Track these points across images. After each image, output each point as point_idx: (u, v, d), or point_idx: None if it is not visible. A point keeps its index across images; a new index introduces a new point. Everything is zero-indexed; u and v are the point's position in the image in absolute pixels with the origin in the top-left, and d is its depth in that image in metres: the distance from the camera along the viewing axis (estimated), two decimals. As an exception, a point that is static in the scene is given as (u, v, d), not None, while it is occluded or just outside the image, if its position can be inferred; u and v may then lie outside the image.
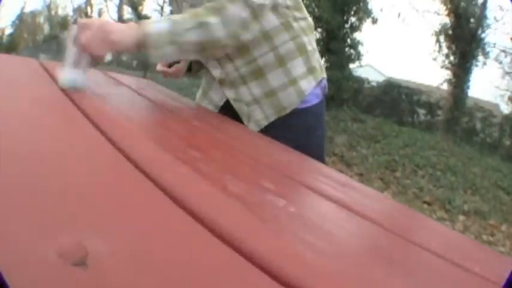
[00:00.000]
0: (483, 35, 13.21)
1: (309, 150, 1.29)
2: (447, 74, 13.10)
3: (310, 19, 1.53)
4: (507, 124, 12.84)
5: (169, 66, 1.69)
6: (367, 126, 10.64)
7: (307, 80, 1.45)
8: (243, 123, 1.48)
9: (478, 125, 12.55)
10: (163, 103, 1.56)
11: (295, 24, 1.43)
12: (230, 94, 1.49)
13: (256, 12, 1.25)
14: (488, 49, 13.56)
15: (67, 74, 1.13)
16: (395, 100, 13.21)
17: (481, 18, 13.07)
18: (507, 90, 23.73)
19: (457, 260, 0.67)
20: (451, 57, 12.98)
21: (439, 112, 12.96)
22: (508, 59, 17.16)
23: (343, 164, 8.14)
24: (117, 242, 0.39)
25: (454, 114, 12.25)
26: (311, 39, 1.52)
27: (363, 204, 0.90)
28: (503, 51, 15.99)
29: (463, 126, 12.40)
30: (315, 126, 1.53)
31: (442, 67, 13.16)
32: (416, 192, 7.22)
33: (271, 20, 1.37)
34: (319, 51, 1.60)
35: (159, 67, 1.71)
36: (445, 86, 13.20)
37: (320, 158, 1.39)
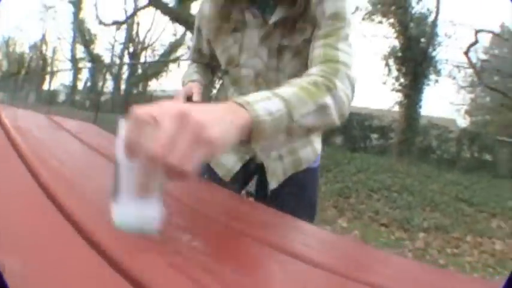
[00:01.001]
0: (434, 53, 13.44)
1: (314, 204, 1.64)
2: (398, 96, 13.25)
3: None
4: (466, 137, 12.92)
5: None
6: None
7: (318, 141, 1.59)
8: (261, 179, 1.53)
9: (434, 143, 12.63)
10: (100, 148, 1.54)
11: None
12: (260, 148, 1.50)
13: (354, 89, 1.17)
14: (440, 66, 13.80)
15: (127, 208, 0.66)
16: (346, 128, 13.16)
17: (432, 36, 13.30)
18: (463, 104, 24.11)
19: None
20: (402, 79, 13.12)
21: (392, 135, 13.03)
22: (462, 73, 17.39)
23: None
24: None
25: (407, 136, 12.28)
26: None
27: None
28: (457, 66, 16.25)
29: (419, 146, 12.45)
30: (318, 183, 1.71)
31: (393, 90, 13.30)
32: (372, 216, 7.11)
33: None
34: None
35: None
36: (396, 108, 13.33)
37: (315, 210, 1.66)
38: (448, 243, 6.03)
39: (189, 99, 1.44)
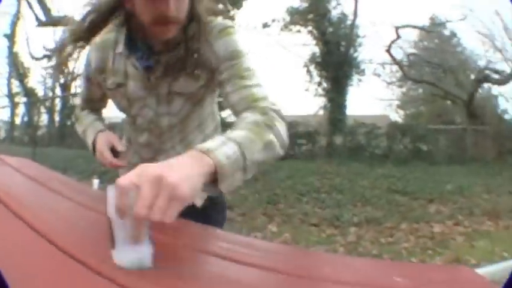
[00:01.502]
0: (356, 54, 13.72)
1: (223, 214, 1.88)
2: (322, 100, 13.48)
3: None
4: (397, 131, 13.10)
5: (116, 155, 1.57)
6: None
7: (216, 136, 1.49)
8: None
9: (363, 141, 12.66)
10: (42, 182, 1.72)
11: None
12: None
13: (281, 114, 1.26)
14: (363, 66, 14.13)
15: (126, 253, 0.83)
16: None
17: (351, 38, 13.56)
18: (393, 99, 24.69)
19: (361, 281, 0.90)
20: (324, 84, 13.28)
21: (320, 139, 13.08)
22: (388, 70, 17.76)
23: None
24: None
25: (334, 137, 12.47)
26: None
27: (262, 257, 1.05)
28: (382, 64, 16.60)
29: (348, 146, 12.53)
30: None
31: (315, 95, 13.49)
32: (302, 218, 7.11)
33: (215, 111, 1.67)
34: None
35: (112, 161, 1.54)
36: (321, 112, 13.55)
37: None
38: (381, 234, 6.02)
39: (113, 150, 1.55)
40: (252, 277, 0.92)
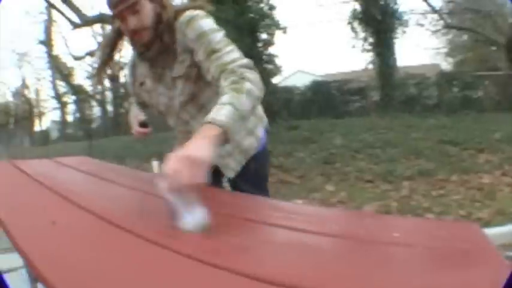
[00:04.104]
0: (396, 7, 13.33)
1: (265, 182, 2.08)
2: (369, 55, 13.29)
3: None
4: (444, 79, 12.79)
5: (141, 126, 2.04)
6: (301, 130, 10.71)
7: (258, 128, 1.95)
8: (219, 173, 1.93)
9: (414, 92, 12.49)
10: (103, 177, 2.02)
11: None
12: None
13: (251, 65, 1.56)
14: (406, 17, 13.76)
15: (189, 219, 1.11)
16: (327, 96, 13.16)
17: None
18: (438, 48, 23.90)
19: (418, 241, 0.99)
20: (370, 39, 13.11)
21: (373, 93, 13.02)
22: (429, 19, 17.36)
23: (283, 172, 8.09)
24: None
25: (385, 91, 12.30)
26: None
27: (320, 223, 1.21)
28: (423, 13, 16.24)
29: (400, 99, 12.36)
30: (269, 161, 2.17)
31: (363, 51, 13.33)
32: (358, 175, 7.21)
33: None
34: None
35: (134, 130, 2.05)
36: (370, 67, 13.38)
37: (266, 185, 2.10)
38: (433, 186, 6.05)
39: (142, 123, 2.03)
40: (296, 241, 1.07)
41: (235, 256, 0.92)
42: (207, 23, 1.66)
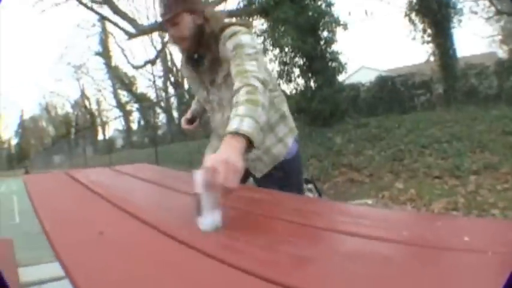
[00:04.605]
0: None
1: (297, 185, 2.14)
2: (430, 47, 13.15)
3: (281, 93, 2.17)
4: (503, 68, 12.51)
5: (190, 122, 2.41)
6: (369, 127, 10.73)
7: (288, 137, 2.09)
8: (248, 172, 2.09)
9: (475, 82, 12.35)
10: (162, 183, 2.07)
11: (275, 101, 2.05)
12: None
13: (262, 80, 1.64)
14: (460, 5, 13.51)
15: (208, 219, 1.16)
16: (392, 92, 13.23)
17: None
18: (493, 35, 23.13)
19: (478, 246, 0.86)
20: (428, 30, 13.03)
21: (437, 86, 12.89)
22: (481, 5, 17.00)
23: (353, 171, 8.38)
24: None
25: (449, 83, 12.20)
26: (286, 107, 2.15)
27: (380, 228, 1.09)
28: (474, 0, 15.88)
29: (463, 90, 12.25)
30: (299, 169, 2.23)
31: (423, 43, 13.23)
32: (426, 171, 7.36)
33: None
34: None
35: (183, 126, 2.41)
36: (432, 59, 13.20)
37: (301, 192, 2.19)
38: (497, 180, 6.19)
39: (191, 120, 2.38)
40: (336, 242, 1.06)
41: (295, 269, 0.86)
42: (247, 38, 1.80)
